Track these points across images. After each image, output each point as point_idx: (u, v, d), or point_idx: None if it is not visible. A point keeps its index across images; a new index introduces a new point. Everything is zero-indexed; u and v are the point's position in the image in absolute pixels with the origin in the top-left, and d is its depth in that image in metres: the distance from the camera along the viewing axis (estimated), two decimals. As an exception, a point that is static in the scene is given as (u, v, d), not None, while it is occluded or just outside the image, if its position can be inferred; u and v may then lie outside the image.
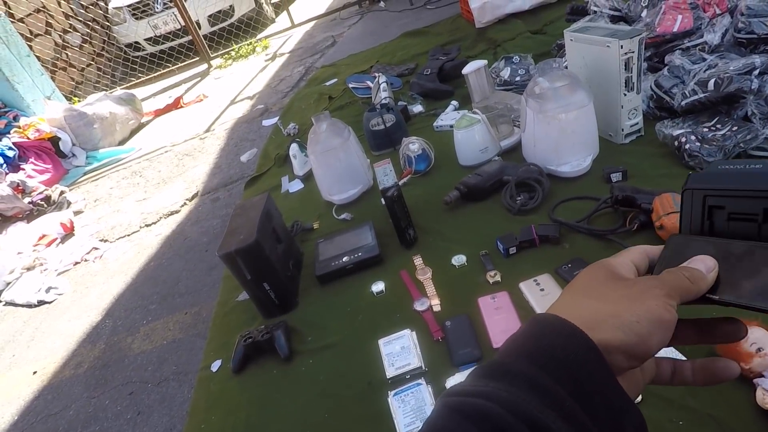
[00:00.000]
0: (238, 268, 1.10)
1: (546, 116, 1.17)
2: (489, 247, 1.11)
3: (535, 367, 0.28)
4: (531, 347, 0.29)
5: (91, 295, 1.98)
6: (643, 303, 0.31)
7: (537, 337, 0.30)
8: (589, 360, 0.28)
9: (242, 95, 3.79)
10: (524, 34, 2.27)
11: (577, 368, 0.28)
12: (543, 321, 0.31)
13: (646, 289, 0.32)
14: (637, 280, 0.34)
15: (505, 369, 0.29)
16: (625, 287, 0.33)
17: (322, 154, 1.44)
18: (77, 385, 1.51)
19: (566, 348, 0.28)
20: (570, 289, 0.35)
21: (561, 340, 0.29)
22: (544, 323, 0.31)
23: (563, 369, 0.28)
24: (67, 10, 5.42)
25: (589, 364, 0.28)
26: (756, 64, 1.02)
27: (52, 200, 2.92)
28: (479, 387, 0.28)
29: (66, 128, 3.53)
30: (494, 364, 0.29)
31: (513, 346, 0.31)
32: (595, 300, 0.32)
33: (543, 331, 0.30)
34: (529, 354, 0.29)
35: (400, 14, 4.00)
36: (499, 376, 0.28)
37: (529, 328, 0.31)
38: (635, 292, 0.32)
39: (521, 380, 0.27)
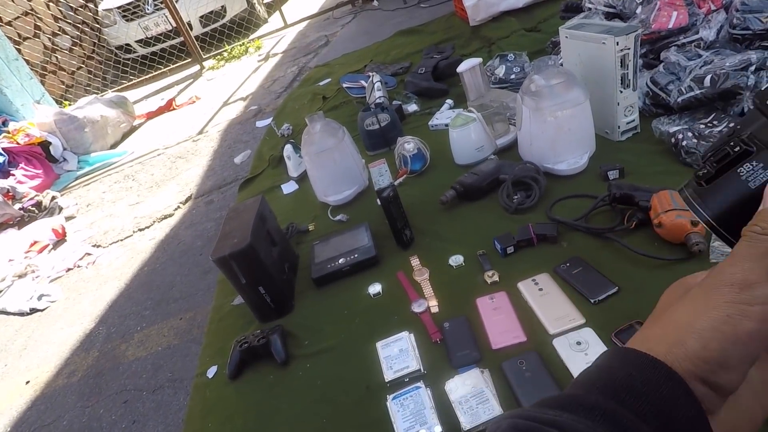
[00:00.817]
0: (232, 272, 1.08)
1: (542, 114, 1.16)
2: (486, 247, 1.10)
3: (613, 401, 0.24)
4: (605, 380, 0.26)
5: (84, 302, 1.95)
6: (706, 313, 0.25)
7: (610, 370, 0.26)
8: (676, 394, 0.24)
9: (235, 96, 3.76)
10: (519, 32, 2.26)
11: (663, 404, 0.24)
12: (615, 353, 0.27)
13: (709, 290, 0.26)
14: (706, 278, 0.27)
15: (577, 401, 0.25)
16: (692, 295, 0.27)
17: (317, 154, 1.43)
18: (71, 394, 1.49)
19: (648, 381, 0.24)
20: (656, 317, 0.30)
21: (641, 372, 0.25)
22: (618, 355, 0.27)
23: (646, 404, 0.24)
24: (56, 12, 5.36)
25: (677, 398, 0.24)
26: (752, 60, 1.01)
27: (44, 206, 2.88)
28: (550, 415, 0.25)
29: (56, 132, 3.49)
30: (564, 397, 0.26)
31: (583, 380, 0.27)
32: (664, 323, 0.28)
33: (617, 362, 0.27)
34: (603, 387, 0.25)
35: (393, 13, 3.99)
36: (572, 408, 0.25)
37: (601, 362, 0.28)
38: (699, 299, 0.26)
39: (598, 414, 0.24)
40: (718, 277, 0.26)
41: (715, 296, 0.25)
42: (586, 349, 0.82)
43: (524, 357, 0.84)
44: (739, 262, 0.25)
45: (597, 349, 0.81)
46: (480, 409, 0.78)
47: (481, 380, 0.83)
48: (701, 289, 0.27)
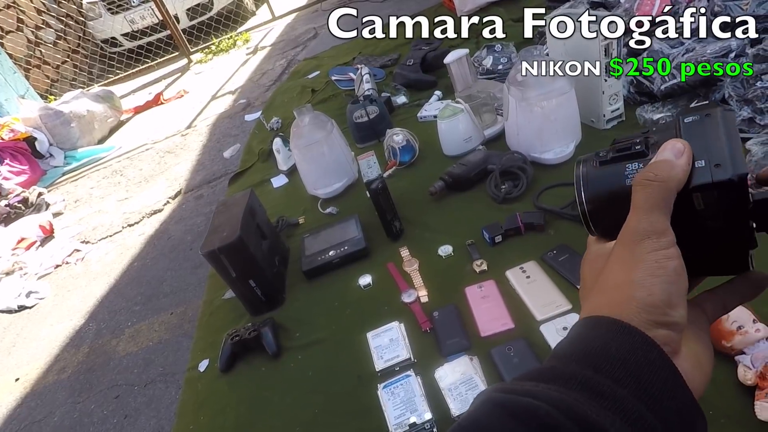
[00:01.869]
0: (222, 266, 1.08)
1: (528, 104, 1.17)
2: (475, 237, 1.11)
3: (590, 369, 0.25)
4: (581, 350, 0.26)
5: (73, 299, 1.94)
6: (638, 266, 0.27)
7: (585, 340, 0.27)
8: (651, 357, 0.25)
9: (224, 90, 3.73)
10: (506, 22, 2.26)
11: (639, 367, 0.24)
12: (586, 323, 0.28)
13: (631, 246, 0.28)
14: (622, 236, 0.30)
15: (555, 372, 0.26)
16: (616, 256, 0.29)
17: (306, 147, 1.43)
18: (61, 390, 1.48)
19: (621, 346, 0.25)
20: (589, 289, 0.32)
21: (614, 339, 0.26)
22: (589, 325, 0.28)
23: (623, 369, 0.24)
24: (40, 5, 5.25)
25: (652, 362, 0.25)
26: (732, 47, 1.03)
27: (30, 202, 2.85)
28: (527, 387, 0.25)
29: (42, 128, 3.44)
30: (542, 369, 0.27)
31: (561, 353, 0.28)
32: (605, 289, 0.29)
33: (590, 332, 0.27)
34: (580, 357, 0.26)
35: (382, 4, 3.97)
36: (549, 379, 0.25)
37: (574, 334, 0.28)
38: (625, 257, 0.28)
39: (574, 382, 0.25)
40: (633, 232, 0.28)
41: (639, 250, 0.28)
42: (572, 335, 0.83)
43: (512, 344, 0.85)
44: (644, 214, 0.28)
45: (583, 335, 0.82)
46: (469, 395, 0.80)
47: (470, 367, 0.84)
48: (623, 247, 0.29)
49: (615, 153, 0.32)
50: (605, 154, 0.33)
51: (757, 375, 0.64)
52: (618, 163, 0.32)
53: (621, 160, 0.32)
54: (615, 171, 0.32)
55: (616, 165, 0.32)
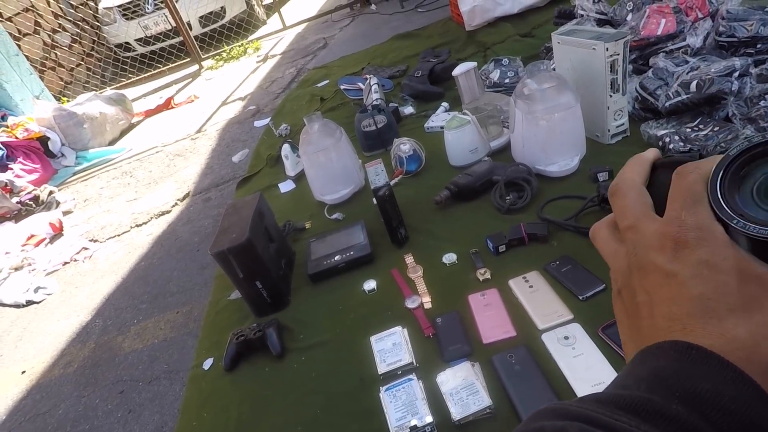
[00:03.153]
0: (230, 266, 1.11)
1: (534, 117, 1.19)
2: (479, 246, 1.13)
3: (697, 415, 0.22)
4: (687, 388, 0.23)
5: (80, 295, 1.97)
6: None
7: (691, 375, 0.23)
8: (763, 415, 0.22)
9: (234, 96, 3.78)
10: (513, 37, 2.30)
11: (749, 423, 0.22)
12: (692, 354, 0.24)
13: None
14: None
15: (655, 409, 0.22)
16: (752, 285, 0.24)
17: (314, 154, 1.45)
18: (67, 384, 1.50)
19: (736, 399, 0.22)
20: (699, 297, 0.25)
21: (728, 387, 0.22)
22: (695, 357, 0.23)
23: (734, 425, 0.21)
24: (57, 9, 5.37)
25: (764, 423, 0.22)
26: (736, 66, 1.05)
27: (41, 200, 2.89)
28: (624, 424, 0.22)
29: (55, 128, 3.50)
30: (639, 399, 0.23)
31: (656, 379, 0.24)
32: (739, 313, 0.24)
33: (698, 368, 0.23)
34: (686, 397, 0.22)
35: (391, 17, 4.02)
36: (649, 417, 0.22)
37: (673, 362, 0.24)
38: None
39: (679, 429, 0.21)
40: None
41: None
42: (573, 344, 0.85)
43: (514, 351, 0.87)
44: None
45: (584, 344, 0.84)
46: (470, 400, 0.81)
47: (472, 373, 0.85)
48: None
49: None
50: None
51: None
52: None
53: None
54: None
55: None
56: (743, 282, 0.24)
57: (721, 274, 0.24)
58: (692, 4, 1.31)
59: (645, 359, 0.25)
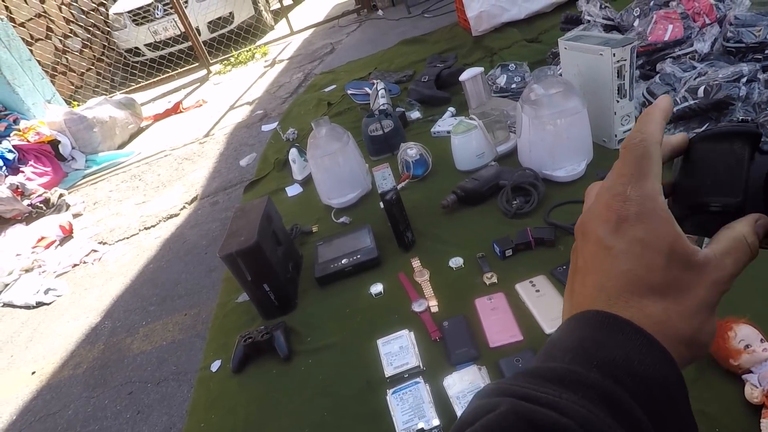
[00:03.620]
0: (238, 269, 1.12)
1: (541, 122, 1.20)
2: (485, 250, 1.13)
3: (611, 380, 0.24)
4: (603, 356, 0.25)
5: (89, 297, 1.99)
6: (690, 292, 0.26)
7: (608, 346, 0.25)
8: (668, 378, 0.25)
9: (241, 101, 3.81)
10: (520, 43, 2.31)
11: (656, 387, 0.24)
12: (612, 324, 0.26)
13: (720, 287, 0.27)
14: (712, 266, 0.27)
15: (576, 378, 0.25)
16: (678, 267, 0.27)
17: (322, 158, 1.47)
18: (76, 385, 1.52)
19: (644, 362, 0.25)
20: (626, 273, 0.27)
21: (637, 352, 0.25)
22: (614, 327, 0.26)
23: (641, 385, 0.24)
24: (68, 15, 5.44)
25: (670, 383, 0.25)
26: (744, 71, 1.05)
27: (51, 203, 2.92)
28: (550, 396, 0.24)
29: (66, 132, 3.54)
30: (563, 371, 0.25)
31: (579, 350, 0.26)
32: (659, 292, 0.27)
33: (615, 338, 0.26)
34: (602, 364, 0.25)
35: (397, 22, 4.04)
36: (572, 386, 0.24)
37: (595, 332, 0.26)
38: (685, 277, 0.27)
39: (596, 394, 0.24)
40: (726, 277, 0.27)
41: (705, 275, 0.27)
42: (579, 348, 0.85)
43: (520, 355, 0.87)
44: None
45: (589, 348, 0.84)
46: (476, 403, 0.81)
47: (479, 377, 0.86)
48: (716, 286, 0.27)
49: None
50: None
51: (764, 394, 0.65)
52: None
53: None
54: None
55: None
56: (671, 262, 0.26)
57: (651, 253, 0.27)
58: (700, 10, 1.32)
59: (572, 328, 0.27)
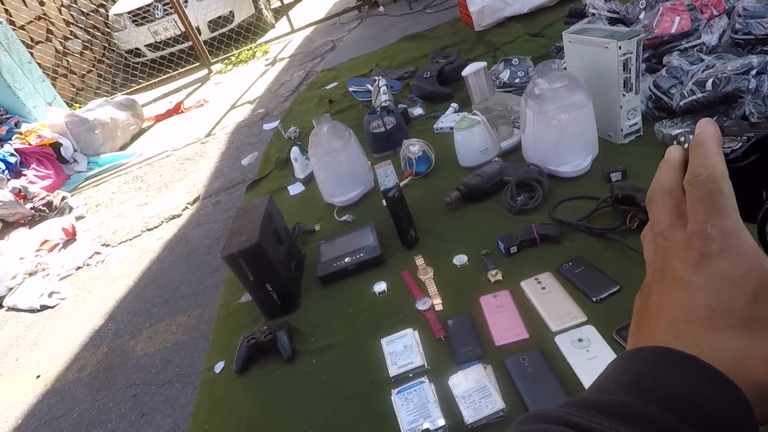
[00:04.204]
0: (240, 269, 1.11)
1: (545, 117, 1.18)
2: (490, 247, 1.12)
3: (673, 416, 0.22)
4: (665, 390, 0.23)
5: (93, 299, 1.99)
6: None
7: (671, 380, 0.24)
8: (739, 418, 0.22)
9: (243, 100, 3.80)
10: (523, 37, 2.28)
11: (725, 423, 0.22)
12: (674, 358, 0.24)
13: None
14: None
15: (634, 412, 0.23)
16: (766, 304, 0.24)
17: (324, 156, 1.45)
18: (80, 388, 1.52)
19: (712, 399, 0.23)
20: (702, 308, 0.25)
21: (704, 388, 0.23)
22: (677, 361, 0.24)
23: (708, 424, 0.22)
24: (68, 17, 5.45)
25: (740, 422, 0.22)
26: (753, 64, 1.03)
27: (54, 206, 2.93)
28: (605, 428, 0.22)
29: (67, 134, 3.55)
30: (618, 403, 0.24)
31: (635, 383, 0.24)
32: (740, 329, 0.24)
33: (678, 372, 0.24)
34: (663, 398, 0.23)
35: (399, 18, 4.02)
36: (628, 419, 0.23)
37: (657, 365, 0.25)
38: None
39: (657, 430, 0.22)
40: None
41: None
42: (587, 346, 0.83)
43: (527, 354, 0.86)
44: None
45: (598, 346, 0.82)
46: (483, 403, 0.80)
47: (484, 376, 0.84)
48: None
49: None
50: None
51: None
52: None
53: None
54: None
55: None
56: (757, 300, 0.24)
57: (733, 288, 0.24)
58: (707, 2, 1.29)
59: (627, 362, 0.26)
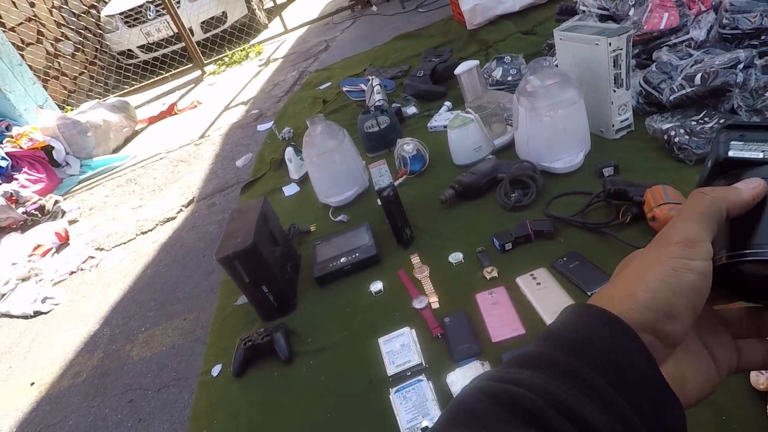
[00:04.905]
0: (236, 271, 1.10)
1: (538, 114, 1.18)
2: (485, 244, 1.12)
3: (573, 356, 0.26)
4: (567, 337, 0.28)
5: (87, 304, 1.98)
6: (655, 267, 0.27)
7: (573, 327, 0.28)
8: (630, 348, 0.26)
9: (236, 101, 3.79)
10: (515, 35, 2.29)
11: (618, 357, 0.26)
12: (577, 310, 0.29)
13: (659, 247, 0.28)
14: (657, 237, 0.30)
15: (540, 359, 0.27)
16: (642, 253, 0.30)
17: (318, 156, 1.45)
18: (76, 394, 1.51)
19: (604, 336, 0.26)
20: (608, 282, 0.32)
21: (599, 329, 0.27)
22: (579, 312, 0.29)
23: (603, 358, 0.26)
24: (59, 18, 5.41)
25: (631, 352, 0.26)
26: (741, 58, 1.04)
27: (47, 210, 2.91)
28: (512, 374, 0.27)
29: (59, 137, 3.52)
30: (529, 354, 0.28)
31: (549, 337, 0.29)
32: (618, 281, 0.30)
33: (579, 319, 0.28)
34: (565, 344, 0.27)
35: (392, 18, 4.02)
36: (534, 366, 0.27)
37: (564, 319, 0.29)
38: (649, 256, 0.29)
39: (557, 369, 0.26)
40: (667, 235, 0.29)
41: (663, 252, 0.28)
42: (582, 342, 0.84)
43: (523, 349, 0.86)
44: (683, 221, 0.28)
45: (593, 341, 0.83)
46: (479, 400, 0.80)
47: (482, 372, 0.85)
48: (652, 246, 0.29)
49: None
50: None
51: (770, 380, 0.65)
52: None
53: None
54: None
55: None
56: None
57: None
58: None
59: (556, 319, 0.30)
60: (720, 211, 0.28)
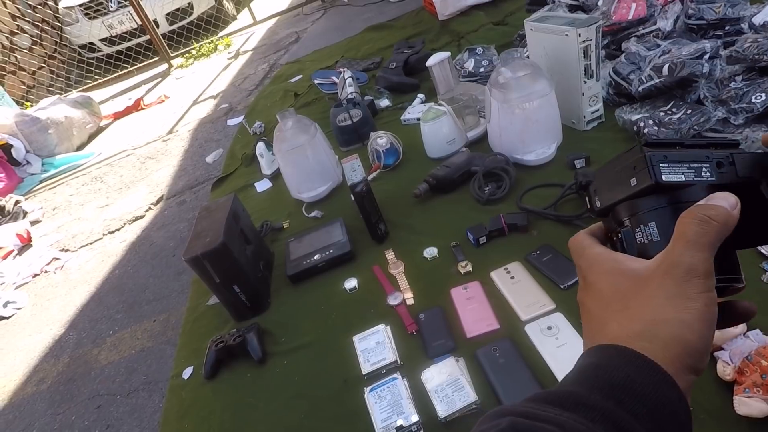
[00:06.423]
0: (206, 271, 1.07)
1: (510, 106, 1.18)
2: (459, 238, 1.12)
3: (613, 401, 0.25)
4: (605, 379, 0.27)
5: (52, 308, 1.90)
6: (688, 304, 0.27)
7: (609, 369, 0.27)
8: (670, 398, 0.26)
9: (205, 95, 3.69)
10: (487, 26, 2.29)
11: (658, 406, 0.25)
12: (612, 351, 0.28)
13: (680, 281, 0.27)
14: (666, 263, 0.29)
15: (577, 400, 0.26)
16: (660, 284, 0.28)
17: (289, 151, 1.42)
18: (40, 402, 1.45)
19: (645, 383, 0.26)
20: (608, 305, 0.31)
21: (638, 374, 0.26)
22: (614, 353, 0.28)
23: (642, 405, 0.25)
24: (14, 10, 5.15)
25: (671, 403, 0.25)
26: (706, 48, 1.05)
27: (7, 210, 2.78)
28: (550, 414, 0.26)
29: (18, 134, 3.37)
30: (564, 394, 0.27)
31: (582, 376, 0.28)
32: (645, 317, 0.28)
33: (614, 362, 0.27)
34: (603, 386, 0.26)
35: (363, 8, 3.98)
36: (572, 407, 0.26)
37: (597, 359, 0.28)
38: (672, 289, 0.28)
39: (597, 413, 0.25)
40: (681, 266, 0.28)
41: (689, 288, 0.27)
42: (556, 334, 0.84)
43: (498, 344, 0.86)
44: (698, 251, 0.27)
45: (567, 333, 0.83)
46: (456, 396, 0.80)
47: (457, 369, 0.84)
48: (669, 279, 0.28)
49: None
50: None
51: (735, 370, 0.65)
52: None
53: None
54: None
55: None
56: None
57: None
58: (661, -12, 1.32)
59: (582, 359, 0.30)
60: (722, 239, 0.28)
